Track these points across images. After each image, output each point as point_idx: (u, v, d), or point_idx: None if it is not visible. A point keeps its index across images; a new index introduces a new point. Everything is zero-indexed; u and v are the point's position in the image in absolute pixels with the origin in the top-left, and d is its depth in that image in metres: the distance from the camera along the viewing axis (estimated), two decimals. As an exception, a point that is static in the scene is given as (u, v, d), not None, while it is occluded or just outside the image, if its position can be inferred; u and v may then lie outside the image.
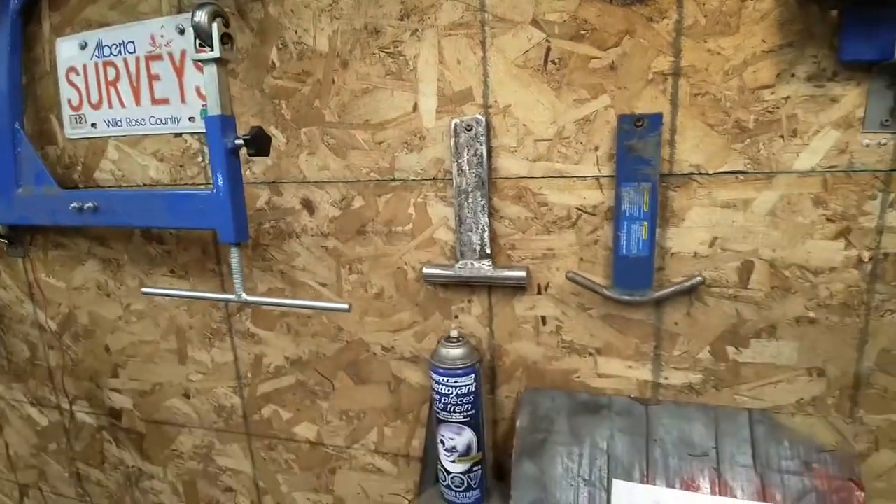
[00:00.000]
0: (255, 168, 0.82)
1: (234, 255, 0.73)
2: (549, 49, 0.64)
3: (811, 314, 0.62)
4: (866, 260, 0.59)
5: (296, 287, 0.84)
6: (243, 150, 0.70)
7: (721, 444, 0.66)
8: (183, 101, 0.82)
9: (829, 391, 0.64)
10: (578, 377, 0.73)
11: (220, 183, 0.70)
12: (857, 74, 0.55)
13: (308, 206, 0.80)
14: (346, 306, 0.68)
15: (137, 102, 0.85)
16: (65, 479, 1.19)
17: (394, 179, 0.74)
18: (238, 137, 0.69)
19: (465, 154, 0.68)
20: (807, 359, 0.64)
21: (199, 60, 0.66)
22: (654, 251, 0.65)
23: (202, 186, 0.85)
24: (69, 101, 0.89)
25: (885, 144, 0.56)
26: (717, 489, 0.64)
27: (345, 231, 0.79)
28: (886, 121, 0.56)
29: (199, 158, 0.85)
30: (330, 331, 0.84)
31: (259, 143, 0.70)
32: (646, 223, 0.64)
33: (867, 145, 0.57)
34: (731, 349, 0.66)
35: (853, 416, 0.64)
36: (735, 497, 0.63)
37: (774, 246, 0.62)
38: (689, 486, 0.64)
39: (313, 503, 0.96)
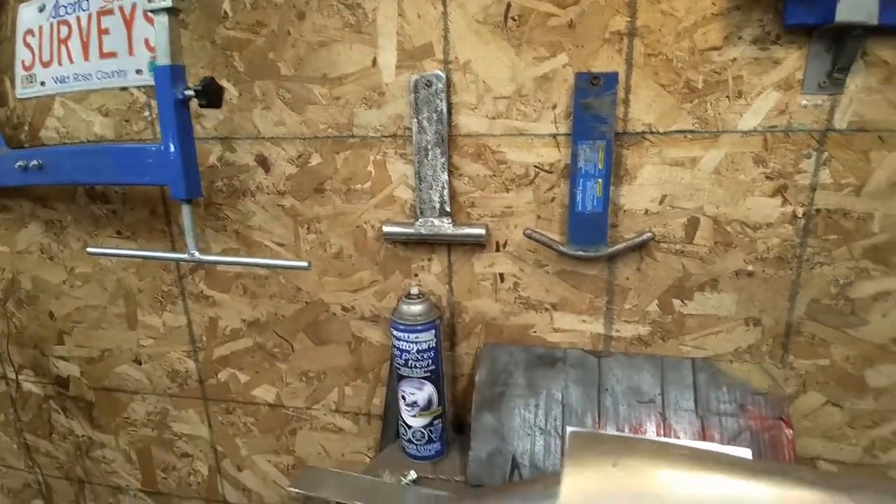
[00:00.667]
0: (205, 123, 0.79)
1: (187, 213, 0.71)
2: (509, 5, 0.64)
3: (749, 267, 0.66)
4: (800, 216, 0.63)
5: (252, 247, 0.82)
6: (194, 103, 0.67)
7: (666, 391, 0.70)
8: (131, 53, 0.78)
9: (763, 339, 0.69)
10: (535, 332, 0.76)
11: (170, 136, 0.67)
12: (799, 38, 0.58)
13: (263, 163, 0.78)
14: (305, 264, 0.67)
15: (86, 57, 0.80)
16: (13, 451, 1.14)
17: (352, 136, 0.73)
18: (188, 88, 0.66)
19: (425, 111, 0.68)
20: (744, 309, 0.68)
21: (151, 10, 0.63)
22: (609, 208, 0.67)
23: (149, 142, 0.81)
24: (23, 62, 0.84)
25: (821, 105, 0.60)
26: (661, 432, 0.68)
27: (302, 189, 0.77)
28: (824, 83, 0.59)
29: (146, 113, 0.81)
30: (288, 291, 0.83)
31: (211, 93, 0.68)
32: (601, 181, 0.66)
33: (805, 106, 0.60)
34: (677, 302, 0.70)
35: (784, 361, 0.69)
36: (678, 438, 0.67)
37: (718, 203, 0.65)
38: (637, 430, 0.68)
39: (274, 465, 0.96)
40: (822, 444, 0.71)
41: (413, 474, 0.70)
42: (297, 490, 0.66)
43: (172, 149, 0.67)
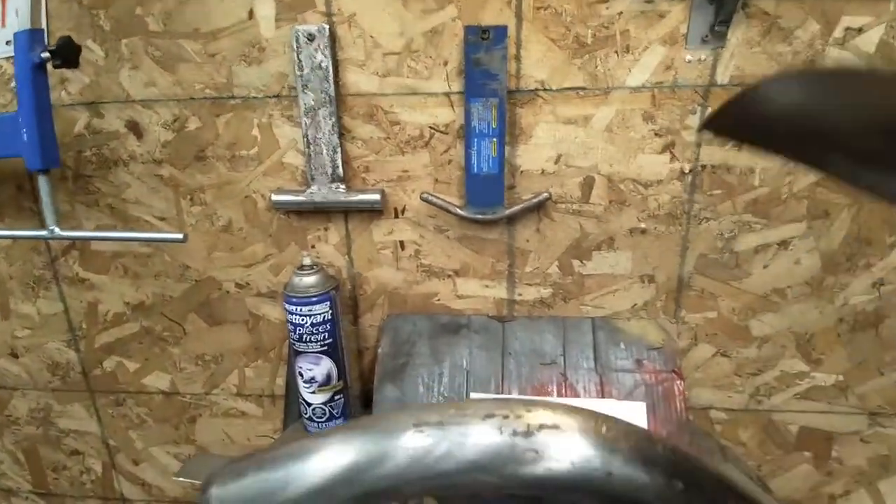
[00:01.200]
0: (70, 88, 0.70)
1: (43, 185, 0.63)
2: (392, -48, 0.60)
3: (643, 225, 0.67)
4: (687, 172, 0.64)
5: (129, 223, 0.75)
6: (62, 70, 0.59)
7: (568, 351, 0.70)
8: (3, 24, 0.69)
9: (657, 295, 0.70)
10: (439, 300, 0.74)
11: (26, 103, 0.60)
12: (682, -9, 0.58)
13: (135, 128, 0.70)
14: (179, 236, 0.62)
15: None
16: None
17: (233, 97, 0.67)
18: (45, 50, 0.59)
19: (309, 68, 0.63)
20: (639, 267, 0.69)
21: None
22: (505, 169, 0.65)
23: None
24: None
25: (704, 60, 0.60)
26: (563, 392, 0.68)
27: (181, 157, 0.71)
28: (706, 36, 0.59)
29: (13, 84, 0.71)
30: (174, 270, 0.77)
31: (66, 52, 0.60)
32: (495, 140, 0.64)
33: (689, 61, 0.60)
34: (576, 262, 0.70)
35: (677, 316, 0.71)
36: (578, 397, 0.68)
37: (611, 161, 0.65)
38: (539, 391, 0.68)
39: (174, 456, 0.90)
40: (712, 393, 0.74)
41: (313, 453, 0.67)
42: (183, 479, 0.61)
43: (26, 115, 0.59)
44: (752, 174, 0.64)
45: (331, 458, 0.16)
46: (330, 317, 0.67)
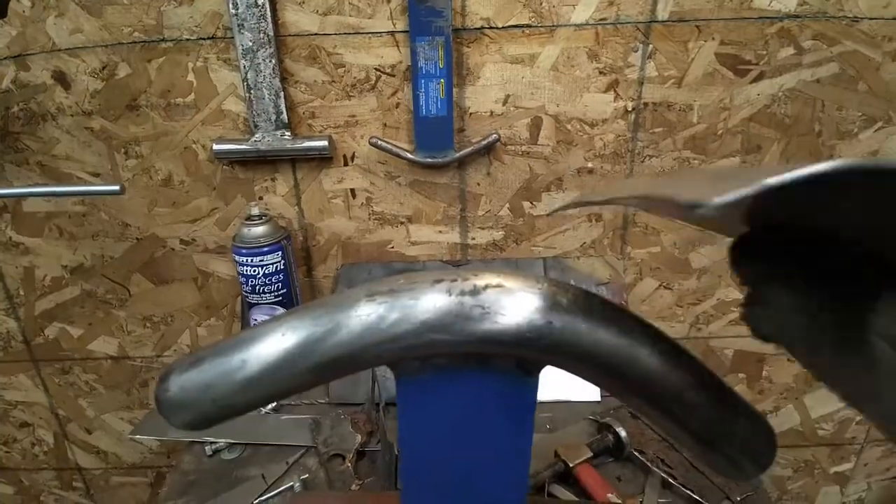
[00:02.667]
0: (-12, 38, 0.64)
1: (-43, 138, 0.58)
2: None
3: (589, 164, 0.69)
4: (630, 110, 0.66)
5: (62, 181, 0.71)
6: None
7: (521, 291, 0.72)
8: None
9: (604, 233, 0.73)
10: (392, 247, 0.74)
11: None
12: (622, -75, 0.58)
13: (61, 79, 0.66)
14: (116, 187, 0.59)
15: None
16: None
17: (164, 39, 0.64)
18: None
19: (245, 5, 0.60)
20: (588, 206, 0.71)
21: None
22: (453, 111, 0.65)
23: None
24: None
25: (644, -3, 0.61)
26: (517, 330, 0.70)
27: (112, 107, 0.67)
28: (645, -27, 0.60)
29: None
30: (114, 229, 0.73)
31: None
32: (442, 81, 0.63)
33: (630, -2, 0.61)
34: (526, 204, 0.71)
35: (623, 252, 0.74)
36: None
37: (558, 101, 0.66)
38: (495, 331, 0.70)
39: (128, 421, 0.88)
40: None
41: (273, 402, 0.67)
42: (139, 437, 0.60)
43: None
44: (691, 111, 0.66)
45: (287, 333, 0.17)
46: (283, 266, 0.66)
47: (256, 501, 0.56)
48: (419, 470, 0.21)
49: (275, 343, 0.17)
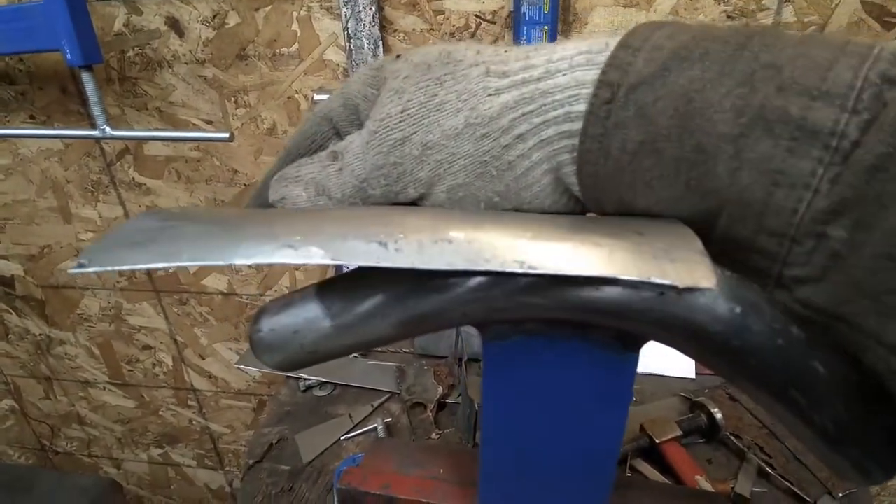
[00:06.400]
0: (105, -18, 0.69)
1: (88, 81, 0.63)
2: None
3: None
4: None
5: (178, 126, 0.76)
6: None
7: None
8: None
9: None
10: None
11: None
12: None
13: (175, 26, 0.69)
14: (225, 135, 0.62)
15: None
16: (-30, 355, 1.14)
17: (270, -12, 0.65)
18: None
19: (348, -49, 0.59)
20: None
21: None
22: (556, 61, 0.61)
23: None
24: None
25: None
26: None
27: (224, 56, 0.70)
28: None
29: None
30: (224, 174, 0.78)
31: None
32: (546, 27, 0.59)
33: (773, -74, 0.53)
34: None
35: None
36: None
37: (675, 49, 0.59)
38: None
39: (235, 352, 0.96)
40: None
41: (361, 348, 0.70)
42: (244, 367, 0.65)
43: (58, 3, 0.58)
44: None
45: (384, 278, 0.16)
46: (375, 218, 0.67)
47: (343, 437, 0.60)
48: (500, 437, 0.21)
49: (361, 295, 0.17)
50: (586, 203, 0.19)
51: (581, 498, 0.22)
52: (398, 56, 0.21)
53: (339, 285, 0.18)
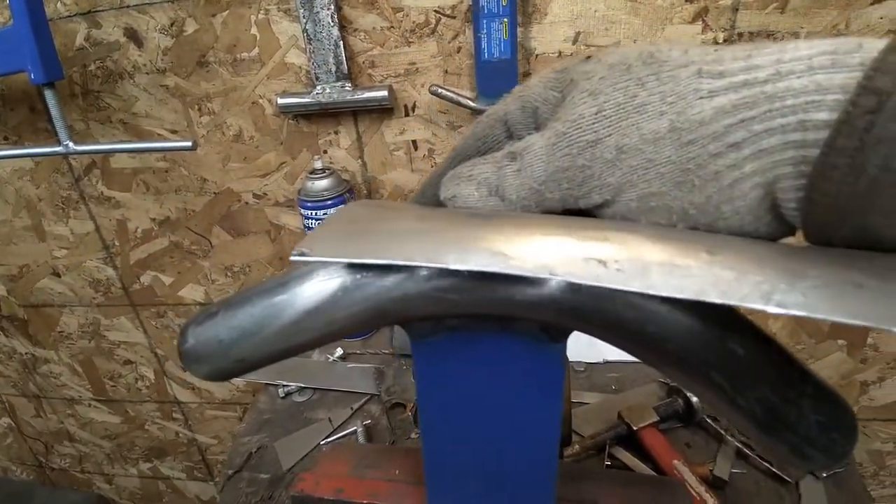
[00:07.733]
0: (65, -2, 0.68)
1: (51, 99, 0.62)
2: None
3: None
4: (721, 42, 0.58)
5: (144, 138, 0.75)
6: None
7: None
8: None
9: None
10: (455, 200, 0.72)
11: (20, 13, 0.58)
12: None
13: (134, 36, 0.68)
14: (188, 143, 0.61)
15: None
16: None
17: (226, -7, 0.64)
18: None
19: (301, -49, 0.59)
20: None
21: None
22: (518, 53, 0.61)
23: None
24: None
25: None
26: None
27: (184, 64, 0.69)
28: None
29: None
30: (193, 183, 0.77)
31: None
32: (506, 20, 0.59)
33: None
34: (597, 153, 0.66)
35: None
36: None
37: (636, 36, 0.59)
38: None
39: (217, 362, 0.95)
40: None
41: (340, 351, 0.69)
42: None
43: (21, 26, 0.58)
44: (797, 39, 0.57)
45: (325, 276, 0.16)
46: (345, 220, 0.66)
47: (323, 442, 0.59)
48: (438, 434, 0.20)
49: (317, 285, 0.16)
50: (803, 226, 0.17)
51: (525, 489, 0.21)
52: (588, 57, 0.20)
53: (260, 292, 0.18)
